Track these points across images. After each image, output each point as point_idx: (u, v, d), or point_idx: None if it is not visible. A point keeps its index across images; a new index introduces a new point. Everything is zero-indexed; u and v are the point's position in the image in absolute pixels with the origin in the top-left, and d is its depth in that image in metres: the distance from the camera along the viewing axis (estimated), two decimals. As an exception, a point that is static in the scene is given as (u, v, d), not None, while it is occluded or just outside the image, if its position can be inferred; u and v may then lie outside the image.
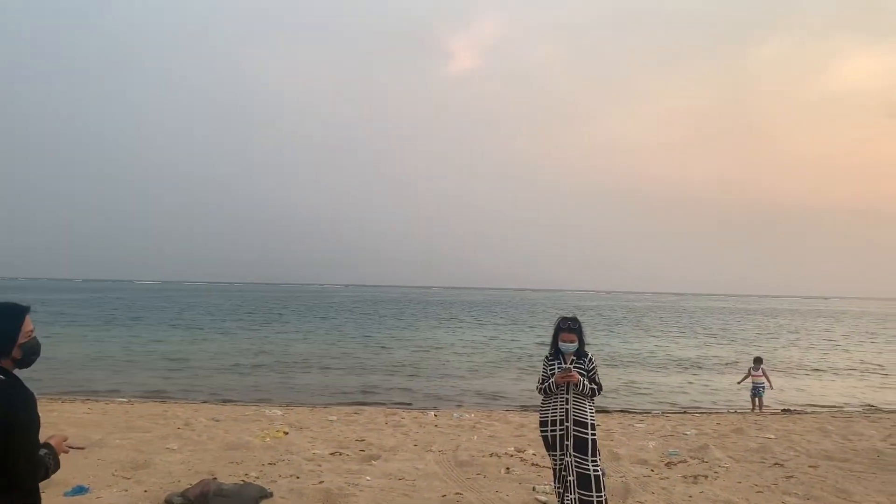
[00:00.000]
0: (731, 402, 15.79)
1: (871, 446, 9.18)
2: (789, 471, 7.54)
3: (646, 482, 6.83)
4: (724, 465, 7.75)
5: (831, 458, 8.35)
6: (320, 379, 18.11)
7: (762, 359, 14.72)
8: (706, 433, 10.07)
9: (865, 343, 36.81)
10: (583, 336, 5.38)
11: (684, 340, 35.48)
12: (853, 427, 11.08)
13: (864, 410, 14.67)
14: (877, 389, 18.60)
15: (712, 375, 21.14)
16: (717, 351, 29.63)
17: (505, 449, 8.52)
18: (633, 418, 12.14)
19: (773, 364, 24.33)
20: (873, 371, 23.28)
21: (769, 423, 11.33)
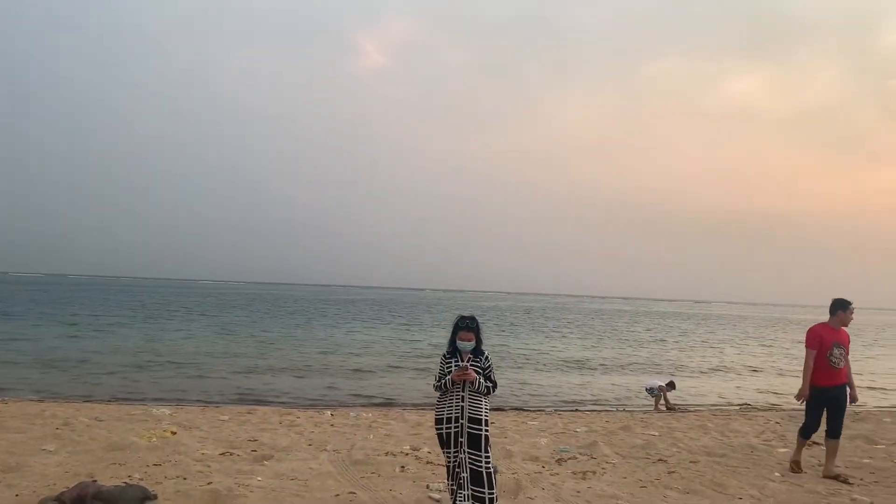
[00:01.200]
0: (619, 400, 16.40)
1: (746, 442, 9.75)
2: (671, 466, 7.90)
3: (537, 478, 6.99)
4: (611, 462, 8.04)
5: (710, 453, 8.81)
6: (212, 378, 17.53)
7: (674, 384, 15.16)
8: (596, 430, 10.41)
9: (746, 345, 39.07)
10: (480, 335, 5.46)
11: (578, 341, 36.57)
12: (731, 424, 11.73)
13: (741, 409, 15.54)
14: (753, 389, 19.75)
15: (603, 375, 21.89)
16: (608, 352, 30.69)
17: (400, 447, 8.51)
18: (526, 416, 12.40)
19: (661, 365, 25.46)
20: (751, 372, 24.72)
21: (654, 421, 11.84)
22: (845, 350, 7.34)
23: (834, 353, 7.24)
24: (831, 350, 7.25)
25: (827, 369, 7.26)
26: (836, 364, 7.24)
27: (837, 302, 7.45)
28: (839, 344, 7.29)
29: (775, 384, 21.16)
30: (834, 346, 7.26)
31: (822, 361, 7.27)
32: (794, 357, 31.99)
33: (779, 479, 7.40)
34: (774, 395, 18.42)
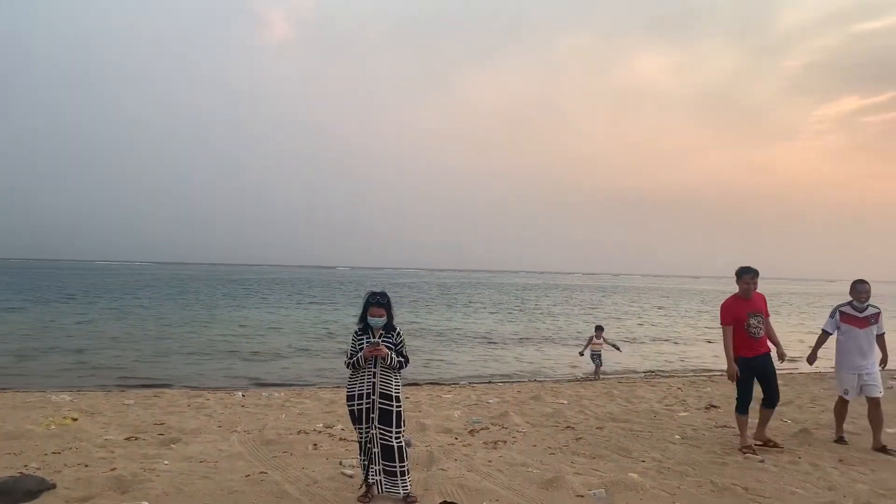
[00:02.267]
0: (531, 371, 16.81)
1: (649, 408, 10.18)
2: (579, 433, 8.18)
3: (449, 450, 7.10)
4: (521, 430, 8.24)
5: (616, 419, 9.16)
6: (120, 361, 16.89)
7: (603, 327, 15.71)
8: (507, 401, 10.64)
9: (649, 315, 40.69)
10: (392, 310, 5.46)
11: (492, 315, 37.18)
12: (636, 391, 12.23)
13: (646, 376, 16.22)
14: (657, 356, 20.63)
15: (516, 347, 22.36)
16: (519, 325, 31.35)
17: (314, 426, 8.46)
18: (441, 390, 12.54)
19: (572, 335, 26.20)
20: (653, 340, 25.79)
21: (563, 390, 12.21)
22: (762, 316, 7.25)
23: (751, 324, 7.16)
24: (748, 321, 7.16)
25: (747, 340, 7.17)
26: (756, 334, 7.16)
27: (738, 271, 7.37)
28: (754, 313, 7.20)
29: (678, 351, 22.17)
30: (750, 317, 7.17)
31: (741, 334, 7.17)
32: (693, 325, 33.57)
33: (679, 442, 7.77)
34: (680, 363, 19.31)
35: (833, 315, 7.62)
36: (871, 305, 7.48)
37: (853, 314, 7.48)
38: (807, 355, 7.77)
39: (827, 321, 7.68)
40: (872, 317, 7.44)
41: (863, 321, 7.42)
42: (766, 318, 7.29)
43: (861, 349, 7.38)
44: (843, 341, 7.49)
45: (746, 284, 7.20)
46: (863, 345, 7.39)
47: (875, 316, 7.45)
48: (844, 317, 7.52)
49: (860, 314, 7.45)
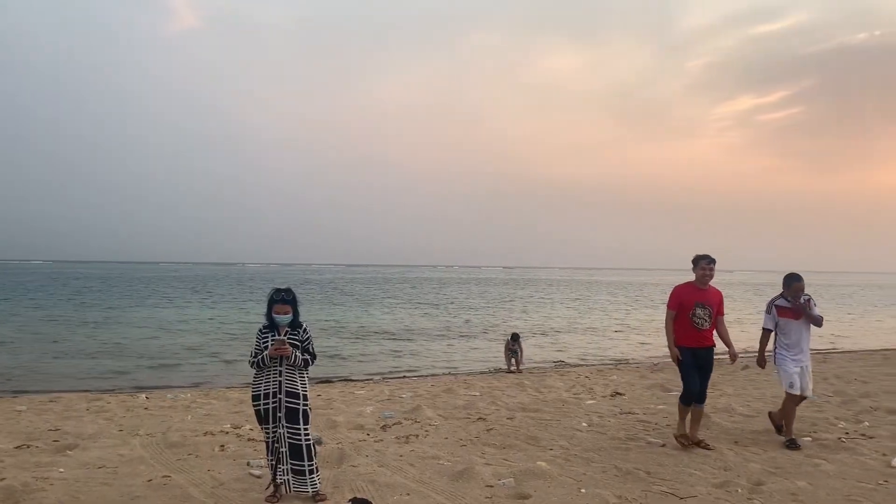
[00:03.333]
0: (451, 364, 16.91)
1: (558, 397, 10.43)
2: (490, 424, 8.29)
3: (361, 446, 7.06)
4: (434, 424, 8.28)
5: (526, 409, 9.33)
6: (8, 364, 15.94)
7: (518, 335, 15.69)
8: (421, 395, 10.67)
9: (558, 306, 41.66)
10: (297, 307, 5.37)
11: (408, 310, 37.20)
12: (546, 381, 12.50)
13: (556, 366, 16.59)
14: (569, 347, 21.12)
15: (433, 341, 22.45)
16: (435, 320, 31.49)
17: (221, 426, 8.24)
18: (354, 386, 12.46)
19: (487, 328, 26.49)
20: (566, 331, 26.40)
21: (476, 382, 12.36)
22: (712, 309, 6.85)
23: (696, 314, 6.78)
24: (693, 310, 6.79)
25: (689, 330, 6.81)
26: (700, 325, 6.78)
27: (694, 258, 6.97)
28: (703, 304, 6.81)
29: (588, 341, 22.79)
30: (696, 307, 6.79)
31: (685, 322, 6.83)
32: (605, 316, 34.57)
33: (585, 429, 7.99)
34: (589, 352, 19.84)
35: (769, 311, 7.32)
36: (803, 295, 7.20)
37: (787, 307, 7.20)
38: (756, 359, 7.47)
39: (765, 318, 7.38)
40: (806, 304, 7.17)
41: (797, 312, 7.16)
42: (718, 315, 6.92)
43: (801, 341, 7.13)
44: (784, 336, 7.19)
45: (703, 271, 6.84)
46: (803, 336, 7.15)
47: (808, 303, 7.19)
48: (781, 311, 7.22)
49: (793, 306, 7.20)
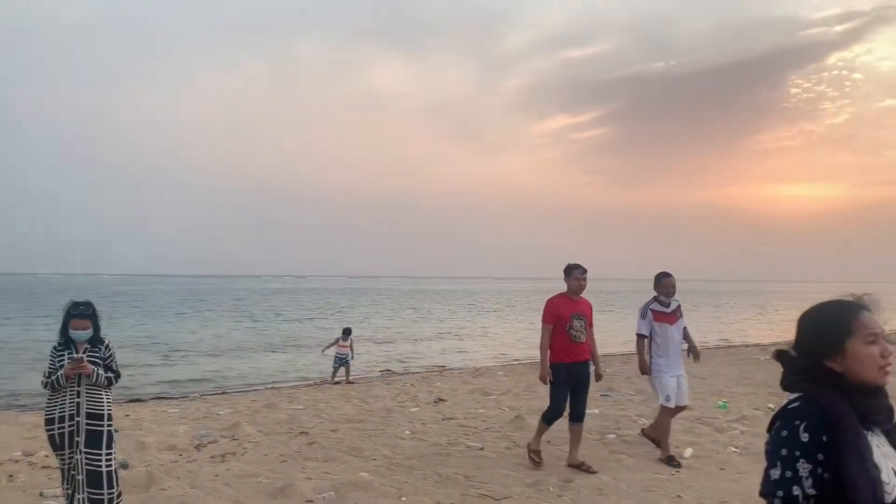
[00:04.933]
0: (274, 376, 16.41)
1: (383, 406, 10.45)
2: (313, 437, 8.12)
3: (172, 468, 6.64)
4: (253, 440, 7.98)
5: (350, 420, 9.25)
6: None
7: (351, 329, 15.44)
8: (240, 411, 10.24)
9: (395, 315, 41.90)
10: (98, 321, 4.96)
11: (230, 323, 35.74)
12: (371, 391, 12.48)
13: (382, 374, 16.63)
14: (398, 354, 21.24)
15: (256, 354, 21.70)
16: (257, 332, 30.53)
17: (10, 454, 7.41)
18: (167, 404, 11.72)
19: (315, 339, 26.02)
20: (395, 340, 26.55)
21: (300, 395, 12.07)
22: (587, 321, 6.48)
23: (573, 326, 6.36)
24: (570, 323, 6.36)
25: (568, 344, 6.36)
26: (577, 338, 6.36)
27: (567, 267, 6.53)
28: (579, 315, 6.42)
29: (417, 349, 23.07)
30: (573, 318, 6.38)
31: (562, 336, 6.36)
32: (433, 321, 35.22)
33: (408, 437, 8.06)
34: (418, 360, 20.07)
35: (644, 315, 6.82)
36: (673, 299, 6.87)
37: (662, 310, 6.80)
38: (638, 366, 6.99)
39: (639, 323, 6.86)
40: (678, 309, 6.89)
41: (672, 316, 6.80)
42: (589, 327, 6.53)
43: (677, 348, 6.76)
44: (661, 342, 6.73)
45: (578, 281, 6.44)
46: (678, 342, 6.77)
47: (679, 308, 6.93)
48: (656, 314, 6.78)
49: (668, 309, 6.82)
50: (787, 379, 1.84)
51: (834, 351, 1.76)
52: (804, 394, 1.76)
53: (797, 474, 1.66)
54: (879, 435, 1.74)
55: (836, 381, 1.74)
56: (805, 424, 1.68)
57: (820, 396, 1.71)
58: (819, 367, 1.77)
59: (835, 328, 1.77)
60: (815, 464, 1.65)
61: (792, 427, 1.70)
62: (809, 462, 1.66)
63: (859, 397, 1.72)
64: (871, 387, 1.74)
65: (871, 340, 1.75)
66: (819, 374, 1.76)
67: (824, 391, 1.72)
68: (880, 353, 1.74)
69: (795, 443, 1.67)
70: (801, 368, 1.81)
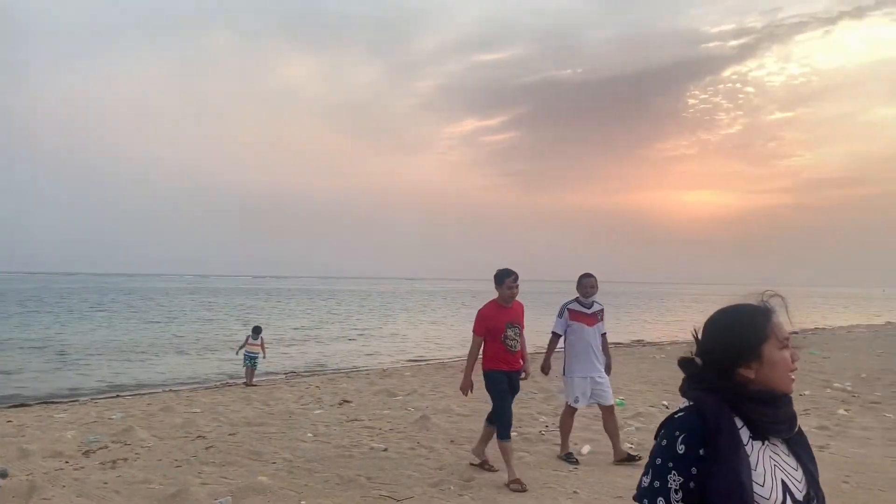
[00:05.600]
0: (172, 379, 15.83)
1: (286, 408, 10.26)
2: (210, 441, 7.87)
3: (57, 476, 6.29)
4: (147, 445, 7.66)
5: (250, 423, 9.02)
6: None
7: (260, 328, 14.98)
8: (134, 415, 9.82)
9: (304, 315, 41.20)
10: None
11: (127, 323, 34.27)
12: (274, 393, 12.23)
13: (287, 376, 16.33)
14: (303, 355, 20.91)
15: (155, 356, 20.89)
16: (156, 332, 29.45)
17: None
18: (55, 409, 11.09)
19: (219, 340, 25.29)
20: (302, 340, 26.14)
21: (199, 398, 11.70)
22: (520, 327, 6.27)
23: (508, 335, 6.12)
24: (505, 332, 6.12)
25: (504, 354, 6.13)
26: (512, 347, 6.15)
27: (498, 274, 6.24)
28: (513, 323, 6.19)
29: (321, 350, 22.79)
30: (508, 328, 6.13)
31: (498, 346, 6.12)
32: (341, 322, 34.88)
33: (310, 440, 7.93)
34: (324, 361, 19.83)
35: (561, 314, 6.83)
36: (596, 301, 6.89)
37: (581, 310, 6.79)
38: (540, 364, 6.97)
39: (555, 322, 6.85)
40: (599, 313, 6.85)
41: (591, 318, 6.77)
42: (521, 329, 6.32)
43: (593, 349, 6.71)
44: (574, 341, 6.74)
45: (510, 289, 6.17)
46: (594, 344, 6.73)
47: (601, 312, 6.89)
48: (573, 314, 6.78)
49: (588, 310, 6.80)
50: (685, 386, 1.78)
51: (750, 356, 1.69)
52: (693, 403, 1.71)
53: (666, 486, 1.64)
54: (779, 444, 1.71)
55: (738, 390, 1.69)
56: (683, 436, 1.65)
57: (704, 409, 1.67)
58: (725, 375, 1.71)
59: (752, 333, 1.70)
60: (687, 477, 1.62)
61: (671, 438, 1.67)
62: (681, 475, 1.63)
63: (761, 407, 1.67)
64: (778, 395, 1.69)
65: (784, 345, 1.70)
66: (722, 382, 1.70)
67: (711, 402, 1.67)
68: (791, 359, 1.71)
69: (671, 454, 1.65)
70: (703, 376, 1.74)
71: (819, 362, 16.29)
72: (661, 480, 1.64)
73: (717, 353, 1.72)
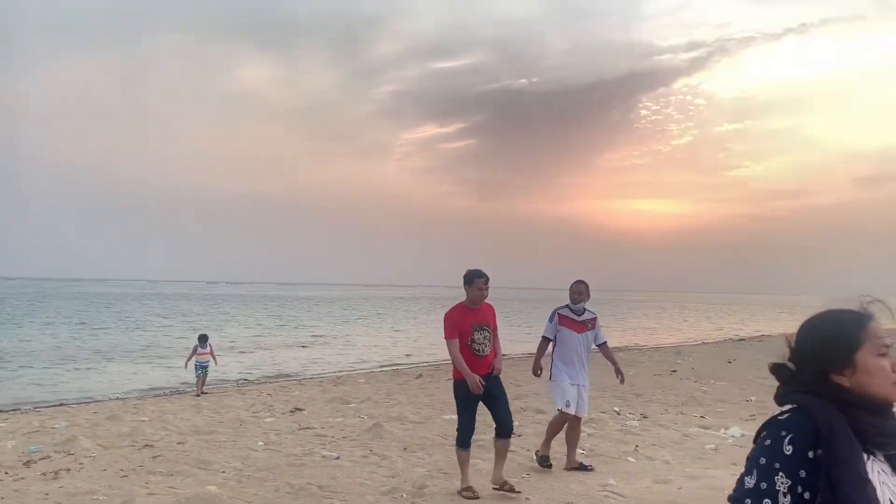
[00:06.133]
0: (118, 387, 15.44)
1: (236, 416, 10.09)
2: (158, 450, 7.70)
3: (-4, 488, 6.10)
4: (91, 455, 7.46)
5: (200, 432, 8.86)
6: None
7: (206, 336, 14.62)
8: (79, 424, 9.56)
9: (251, 323, 40.61)
10: None
11: (69, 329, 33.34)
12: (225, 401, 12.03)
13: (238, 384, 16.07)
14: (256, 363, 20.58)
15: (100, 363, 20.38)
16: (103, 339, 28.74)
17: None
18: (-6, 419, 10.74)
19: (167, 347, 24.77)
20: (252, 347, 25.77)
21: (147, 406, 11.44)
22: (490, 331, 5.93)
23: (475, 339, 5.80)
24: (472, 336, 5.81)
25: (470, 358, 5.78)
26: (480, 351, 5.81)
27: (467, 275, 5.92)
28: (481, 326, 5.86)
29: (273, 357, 22.51)
30: (475, 331, 5.81)
31: (464, 350, 5.80)
32: (294, 328, 34.49)
33: (261, 448, 7.82)
34: (277, 368, 19.57)
35: (552, 319, 6.79)
36: (588, 310, 6.82)
37: (571, 317, 6.73)
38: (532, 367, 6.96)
39: (546, 326, 6.82)
40: (590, 321, 6.77)
41: (581, 325, 6.70)
42: (494, 331, 6.02)
43: (580, 357, 6.65)
44: (562, 348, 6.68)
45: (479, 290, 5.88)
46: (581, 352, 6.66)
47: (592, 321, 6.81)
48: (563, 320, 6.72)
49: (578, 317, 6.72)
50: (781, 392, 1.67)
51: (843, 364, 1.59)
52: (796, 406, 1.60)
53: (773, 488, 1.51)
54: (882, 461, 1.57)
55: (839, 396, 1.58)
56: (791, 437, 1.53)
57: (813, 410, 1.56)
58: (822, 381, 1.61)
59: (844, 339, 1.60)
60: (795, 480, 1.50)
61: (776, 437, 1.55)
62: (789, 477, 1.51)
63: (865, 415, 1.56)
64: (880, 403, 1.58)
65: (882, 353, 1.59)
66: (821, 387, 1.60)
67: (819, 405, 1.57)
68: (892, 367, 1.59)
69: (777, 455, 1.53)
70: (800, 382, 1.64)
71: (765, 369, 16.71)
72: (767, 482, 1.52)
73: (809, 359, 1.64)
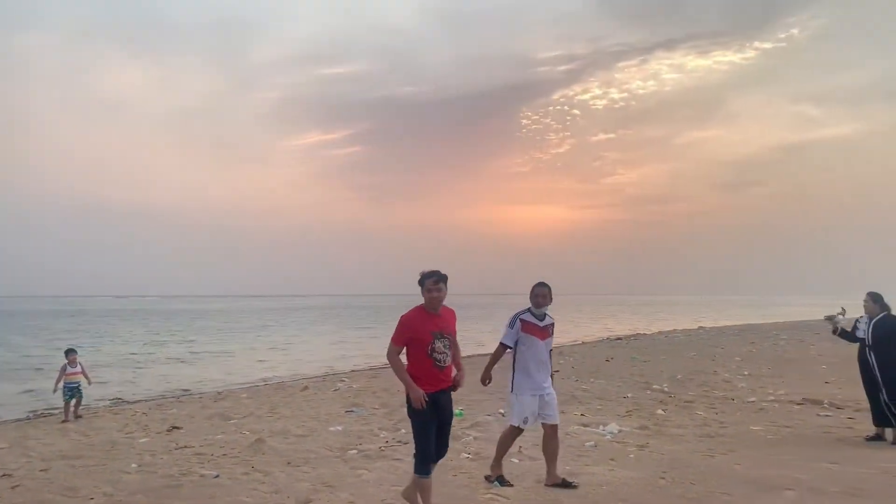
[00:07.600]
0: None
1: (108, 438, 9.53)
2: (17, 480, 7.13)
3: None
4: (-61, 489, 6.82)
5: (66, 457, 8.29)
6: None
7: (75, 350, 13.41)
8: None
9: (123, 339, 38.49)
10: None
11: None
12: (95, 422, 11.30)
13: (112, 404, 15.16)
14: (130, 381, 19.49)
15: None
16: None
17: None
18: None
19: (29, 366, 23.06)
20: (129, 365, 24.42)
21: (7, 433, 10.56)
22: (451, 338, 5.24)
23: (436, 348, 5.08)
24: (432, 343, 5.07)
25: (430, 371, 5.09)
26: (441, 362, 5.11)
27: (421, 276, 5.18)
28: (442, 333, 5.14)
29: (154, 373, 21.42)
30: (435, 339, 5.09)
31: (423, 361, 5.08)
32: (164, 345, 32.98)
33: (134, 470, 7.40)
34: (153, 386, 18.61)
35: (512, 324, 6.15)
36: (548, 314, 6.28)
37: (534, 322, 6.16)
38: (480, 375, 6.24)
39: (505, 332, 6.17)
40: (550, 327, 6.27)
41: (543, 331, 6.18)
42: (453, 339, 5.32)
43: (542, 364, 6.14)
44: (525, 356, 6.12)
45: (430, 293, 5.09)
46: (544, 359, 6.15)
47: (552, 327, 6.31)
48: (526, 326, 6.14)
49: (540, 322, 6.18)
50: None
51: None
52: None
53: None
54: None
55: None
56: None
57: None
58: None
59: None
60: None
61: None
62: None
63: None
64: None
65: None
66: None
67: None
68: None
69: None
70: None
71: (640, 366, 17.59)
72: None
73: None
